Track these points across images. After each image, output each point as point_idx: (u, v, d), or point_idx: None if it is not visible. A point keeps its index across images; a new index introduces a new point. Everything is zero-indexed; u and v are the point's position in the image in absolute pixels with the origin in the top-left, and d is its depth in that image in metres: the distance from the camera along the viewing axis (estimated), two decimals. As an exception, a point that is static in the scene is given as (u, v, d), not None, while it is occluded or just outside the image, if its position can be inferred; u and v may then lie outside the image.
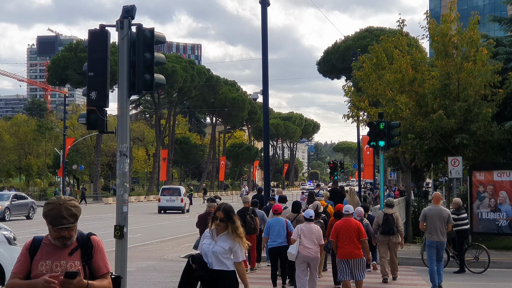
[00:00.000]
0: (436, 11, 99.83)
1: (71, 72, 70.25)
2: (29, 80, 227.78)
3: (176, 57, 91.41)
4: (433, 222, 14.51)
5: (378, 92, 26.01)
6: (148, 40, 11.37)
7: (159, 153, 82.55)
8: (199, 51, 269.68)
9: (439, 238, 14.56)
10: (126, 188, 11.42)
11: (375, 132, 22.14)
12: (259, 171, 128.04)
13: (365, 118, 30.72)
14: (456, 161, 22.21)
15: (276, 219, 14.45)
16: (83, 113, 12.05)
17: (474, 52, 23.20)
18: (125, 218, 11.40)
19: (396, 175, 74.64)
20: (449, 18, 24.23)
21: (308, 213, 13.21)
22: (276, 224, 14.24)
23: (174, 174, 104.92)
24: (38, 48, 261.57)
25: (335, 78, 76.04)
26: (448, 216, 14.66)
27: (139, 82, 11.29)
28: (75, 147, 70.25)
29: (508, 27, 27.63)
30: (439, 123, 22.66)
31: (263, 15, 23.12)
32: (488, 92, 23.23)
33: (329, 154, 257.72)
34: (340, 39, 72.44)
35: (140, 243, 24.98)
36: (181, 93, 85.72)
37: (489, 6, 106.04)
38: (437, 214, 14.55)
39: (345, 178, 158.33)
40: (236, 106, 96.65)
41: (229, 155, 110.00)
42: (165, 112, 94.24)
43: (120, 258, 11.42)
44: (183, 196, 49.27)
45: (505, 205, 21.13)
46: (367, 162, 50.28)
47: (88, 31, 11.38)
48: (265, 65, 23.17)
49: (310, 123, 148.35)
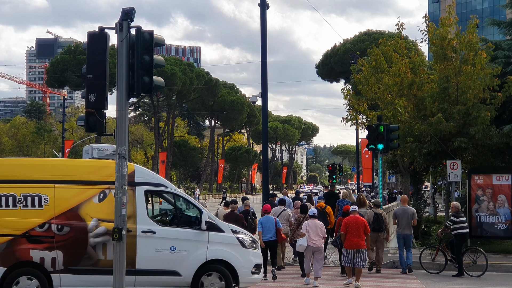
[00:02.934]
0: (435, 14, 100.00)
1: (70, 74, 70.29)
2: (28, 82, 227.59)
3: (175, 59, 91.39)
4: (401, 219, 17.93)
5: (377, 95, 26.02)
6: (147, 42, 11.37)
7: (157, 155, 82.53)
8: (198, 53, 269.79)
9: (406, 231, 17.88)
10: (124, 191, 11.41)
11: (374, 135, 22.17)
12: (258, 174, 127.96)
13: (364, 121, 30.74)
14: (455, 164, 22.20)
15: (267, 217, 16.59)
16: (82, 116, 12.05)
17: (473, 55, 23.21)
18: (123, 221, 11.39)
19: (395, 178, 74.64)
20: (448, 21, 24.25)
21: (312, 211, 16.05)
22: (266, 222, 16.41)
23: (172, 176, 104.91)
24: (37, 50, 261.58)
25: (334, 81, 76.16)
26: (413, 213, 18.07)
27: (138, 85, 11.29)
28: (74, 149, 70.21)
29: (507, 31, 27.64)
30: (438, 126, 22.66)
31: (262, 19, 23.06)
32: (487, 96, 23.23)
33: (328, 157, 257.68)
34: (339, 43, 72.60)
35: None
36: (180, 96, 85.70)
37: (488, 10, 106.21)
38: (405, 212, 17.96)
39: (344, 181, 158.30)
40: (235, 109, 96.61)
41: (227, 158, 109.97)
42: (164, 115, 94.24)
43: (119, 260, 11.41)
44: None
45: (504, 208, 21.12)
46: (366, 165, 50.29)
47: (87, 33, 11.38)
48: (264, 68, 23.15)
49: (309, 126, 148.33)
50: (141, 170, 13.08)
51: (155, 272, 12.42)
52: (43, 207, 12.18)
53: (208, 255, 12.66)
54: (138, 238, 12.33)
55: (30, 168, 12.66)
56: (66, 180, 12.41)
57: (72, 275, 12.13)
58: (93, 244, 12.20)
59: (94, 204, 12.34)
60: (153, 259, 12.42)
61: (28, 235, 12.08)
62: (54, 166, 12.92)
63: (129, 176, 11.81)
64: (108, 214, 12.04)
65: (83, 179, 12.49)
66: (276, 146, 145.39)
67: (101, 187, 12.44)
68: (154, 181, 13.00)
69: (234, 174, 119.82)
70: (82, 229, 12.22)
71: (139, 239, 12.35)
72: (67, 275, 12.13)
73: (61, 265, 12.10)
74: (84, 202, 12.32)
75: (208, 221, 12.80)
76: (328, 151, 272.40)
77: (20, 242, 12.02)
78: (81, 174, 12.58)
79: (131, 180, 12.30)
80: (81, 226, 12.23)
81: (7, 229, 12.04)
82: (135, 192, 12.50)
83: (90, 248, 12.20)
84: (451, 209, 18.76)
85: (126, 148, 11.48)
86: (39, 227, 12.13)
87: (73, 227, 12.22)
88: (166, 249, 12.50)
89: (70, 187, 12.37)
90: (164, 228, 12.76)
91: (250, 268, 12.97)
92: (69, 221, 12.22)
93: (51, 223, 12.16)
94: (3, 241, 12.01)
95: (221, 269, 12.72)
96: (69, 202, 12.30)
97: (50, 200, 12.21)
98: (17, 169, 12.56)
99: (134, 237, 12.27)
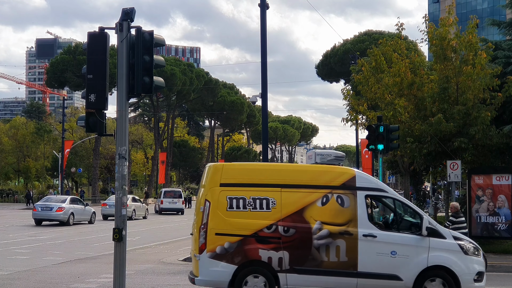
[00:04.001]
0: (435, 15, 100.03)
1: (70, 74, 70.27)
2: (27, 82, 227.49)
3: (175, 60, 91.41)
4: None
5: (377, 95, 26.00)
6: (147, 42, 11.36)
7: (157, 156, 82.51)
8: (198, 54, 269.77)
9: None
10: (125, 191, 11.41)
11: (374, 135, 22.16)
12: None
13: (364, 122, 30.72)
14: (455, 164, 22.20)
15: None
16: (82, 116, 12.04)
17: (473, 56, 23.20)
18: (124, 221, 11.39)
19: (395, 178, 74.68)
20: (447, 22, 24.23)
21: None
22: None
23: (172, 177, 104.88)
24: (37, 50, 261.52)
25: (334, 81, 76.10)
26: None
27: (138, 85, 11.28)
28: (73, 150, 70.20)
29: (507, 31, 27.63)
30: (438, 126, 22.65)
31: (262, 19, 23.04)
32: (487, 96, 23.22)
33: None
34: (338, 43, 72.56)
35: (139, 246, 24.94)
36: (180, 96, 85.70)
37: (488, 10, 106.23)
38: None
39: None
40: (235, 109, 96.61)
41: (227, 158, 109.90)
42: (164, 115, 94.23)
43: (119, 261, 11.41)
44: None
45: (504, 208, 21.12)
46: (366, 165, 50.17)
47: (88, 33, 11.37)
48: (264, 68, 23.13)
49: (308, 126, 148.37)
50: (361, 176, 13.40)
51: (376, 275, 12.66)
52: (271, 209, 12.65)
53: (430, 261, 12.75)
54: (359, 242, 12.62)
55: (259, 172, 13.20)
56: (291, 184, 12.87)
57: (298, 274, 12.57)
58: (316, 246, 12.58)
59: (317, 208, 12.72)
60: (374, 262, 12.66)
61: (257, 236, 12.58)
62: (280, 171, 13.43)
63: (349, 181, 12.79)
64: (331, 217, 12.60)
65: (307, 183, 12.91)
66: (276, 147, 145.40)
67: (324, 191, 12.80)
68: (374, 186, 13.27)
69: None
70: (307, 231, 12.63)
71: (360, 243, 12.63)
72: (293, 275, 12.57)
73: (287, 265, 12.54)
74: (308, 206, 12.73)
75: (429, 227, 12.88)
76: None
77: (249, 242, 12.53)
78: (305, 178, 13.02)
79: (352, 185, 12.84)
80: (306, 228, 12.64)
81: (238, 229, 12.55)
82: (356, 197, 12.82)
83: (314, 249, 12.58)
84: (450, 209, 18.74)
85: (126, 149, 11.48)
86: (267, 228, 12.60)
87: (298, 229, 12.65)
88: (387, 253, 12.70)
89: (295, 191, 12.82)
90: (385, 233, 12.94)
91: (473, 275, 12.94)
92: (295, 223, 12.64)
93: (278, 225, 12.61)
94: (234, 240, 12.51)
95: (444, 275, 12.79)
96: (295, 205, 12.72)
97: (277, 203, 12.66)
98: (247, 174, 13.11)
99: (355, 240, 12.60)
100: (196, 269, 12.63)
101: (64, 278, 16.29)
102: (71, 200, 38.04)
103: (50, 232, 31.23)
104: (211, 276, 12.45)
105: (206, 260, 12.40)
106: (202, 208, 12.60)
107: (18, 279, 16.02)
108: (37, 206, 37.08)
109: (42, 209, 36.49)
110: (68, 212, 36.31)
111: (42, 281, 15.78)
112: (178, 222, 41.29)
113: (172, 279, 16.38)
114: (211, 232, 12.44)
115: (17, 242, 25.64)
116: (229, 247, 12.43)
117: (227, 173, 12.89)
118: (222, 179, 12.73)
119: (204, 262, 12.41)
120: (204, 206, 12.60)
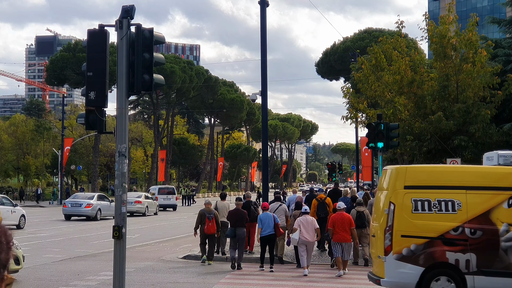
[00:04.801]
0: (435, 13, 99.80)
1: (69, 72, 70.16)
2: (27, 80, 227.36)
3: (174, 57, 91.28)
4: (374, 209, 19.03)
5: (376, 93, 26.00)
6: (147, 40, 11.33)
7: (157, 153, 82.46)
8: (198, 51, 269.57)
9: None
10: (124, 189, 11.39)
11: (374, 133, 22.14)
12: (258, 172, 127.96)
13: (363, 120, 30.71)
14: (454, 162, 22.19)
15: (266, 214, 17.74)
16: (82, 113, 12.02)
17: (473, 53, 23.20)
18: (123, 219, 11.37)
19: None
20: (447, 19, 24.23)
21: (304, 208, 17.63)
22: (265, 218, 17.55)
23: (172, 174, 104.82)
24: (36, 48, 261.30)
25: (334, 79, 76.07)
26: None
27: (138, 83, 11.26)
28: (73, 147, 70.16)
29: (507, 29, 27.64)
30: (438, 124, 22.65)
31: (262, 16, 22.99)
32: (487, 94, 23.22)
33: (327, 155, 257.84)
34: (338, 40, 72.49)
35: (139, 244, 24.94)
36: (180, 94, 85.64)
37: (488, 8, 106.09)
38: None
39: (343, 180, 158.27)
40: (234, 107, 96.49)
41: (227, 156, 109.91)
42: (164, 113, 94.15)
43: (119, 258, 11.40)
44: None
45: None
46: (366, 163, 50.21)
47: (87, 31, 11.35)
48: (264, 66, 23.09)
49: (308, 124, 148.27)
50: None
51: None
52: (456, 211, 12.60)
53: None
54: None
55: (443, 174, 13.19)
56: (476, 186, 12.82)
57: (485, 277, 12.53)
58: (504, 248, 12.54)
59: (504, 210, 12.65)
60: None
61: (443, 238, 12.56)
62: (465, 173, 13.37)
63: None
64: None
65: (492, 185, 12.85)
66: (276, 144, 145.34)
67: (510, 193, 12.74)
68: None
69: (234, 172, 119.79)
70: (494, 233, 12.59)
71: None
72: (480, 277, 12.54)
73: (474, 267, 12.50)
74: (494, 208, 12.67)
75: None
76: (327, 149, 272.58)
77: (436, 244, 12.53)
78: (490, 180, 12.95)
79: None
80: (493, 230, 12.60)
81: (424, 231, 12.57)
82: None
83: (501, 251, 12.55)
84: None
85: (126, 146, 11.46)
86: (453, 230, 12.56)
87: (485, 231, 12.60)
88: None
89: (480, 192, 12.77)
90: None
91: None
92: (481, 225, 12.60)
93: (464, 227, 12.56)
94: (420, 242, 12.53)
95: None
96: (480, 207, 12.67)
97: (463, 205, 12.61)
98: (431, 176, 13.10)
99: None
100: (381, 270, 12.73)
101: (64, 275, 16.29)
102: (98, 197, 40.31)
103: (49, 230, 31.25)
104: (398, 277, 12.53)
105: (393, 261, 12.48)
106: (387, 211, 12.67)
107: (17, 276, 16.02)
108: (67, 202, 39.45)
109: (72, 205, 38.82)
110: (96, 208, 38.63)
111: (41, 278, 15.78)
112: (178, 220, 41.29)
113: (172, 277, 16.39)
114: (396, 234, 12.53)
115: (17, 240, 25.60)
116: (416, 249, 12.47)
117: (411, 176, 12.95)
118: (406, 182, 12.78)
119: (390, 264, 12.49)
120: (388, 209, 12.66)
